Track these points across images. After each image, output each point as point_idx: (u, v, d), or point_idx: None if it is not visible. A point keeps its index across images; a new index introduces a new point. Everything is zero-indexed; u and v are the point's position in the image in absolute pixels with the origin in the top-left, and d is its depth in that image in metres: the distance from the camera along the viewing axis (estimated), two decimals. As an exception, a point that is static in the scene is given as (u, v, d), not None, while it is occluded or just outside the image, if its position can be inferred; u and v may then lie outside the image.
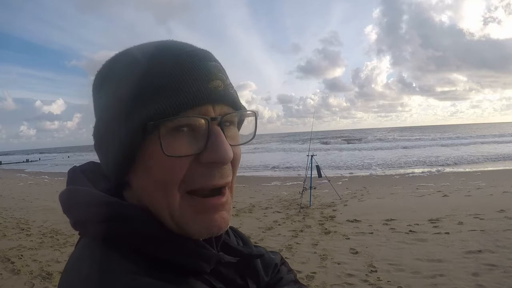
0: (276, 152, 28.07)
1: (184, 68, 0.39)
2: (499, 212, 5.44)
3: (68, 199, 0.42)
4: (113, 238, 0.37)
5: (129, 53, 0.42)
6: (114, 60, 0.43)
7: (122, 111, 0.39)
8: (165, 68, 0.38)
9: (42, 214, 7.33)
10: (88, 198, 0.40)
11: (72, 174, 0.47)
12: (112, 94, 0.41)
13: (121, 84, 0.40)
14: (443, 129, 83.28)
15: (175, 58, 0.39)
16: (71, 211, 0.41)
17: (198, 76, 0.39)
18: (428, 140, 34.39)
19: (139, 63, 0.39)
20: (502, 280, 3.07)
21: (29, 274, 3.84)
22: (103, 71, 0.44)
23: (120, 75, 0.41)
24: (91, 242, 0.39)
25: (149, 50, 0.40)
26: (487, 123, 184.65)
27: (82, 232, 0.42)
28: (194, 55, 0.40)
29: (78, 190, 0.42)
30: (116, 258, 0.36)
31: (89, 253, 0.38)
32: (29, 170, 27.73)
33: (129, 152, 0.38)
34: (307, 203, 7.32)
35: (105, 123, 0.42)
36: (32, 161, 47.99)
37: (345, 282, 3.36)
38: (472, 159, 16.50)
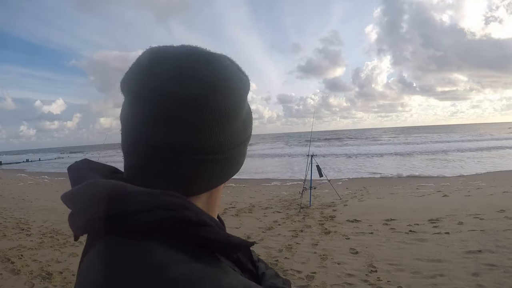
0: (276, 157, 27.76)
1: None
2: (499, 212, 5.44)
3: (85, 196, 0.38)
4: (156, 228, 0.36)
5: (236, 69, 0.45)
6: (225, 74, 0.42)
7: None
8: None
9: (42, 214, 7.33)
10: (119, 189, 0.37)
11: (79, 172, 0.43)
12: (238, 110, 0.44)
13: (243, 100, 0.44)
14: (443, 129, 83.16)
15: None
16: (103, 203, 0.36)
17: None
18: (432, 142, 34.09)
19: (248, 82, 0.45)
20: (502, 280, 3.07)
21: (29, 274, 3.84)
22: (216, 82, 0.41)
23: (238, 89, 0.43)
24: (128, 237, 0.36)
25: (238, 68, 0.45)
26: (487, 123, 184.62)
27: (115, 227, 0.36)
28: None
29: (111, 183, 0.38)
30: (162, 248, 0.35)
31: (136, 248, 0.35)
32: (29, 170, 27.72)
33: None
34: (307, 203, 7.32)
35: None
36: (32, 161, 47.98)
37: (345, 282, 3.35)
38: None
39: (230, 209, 7.37)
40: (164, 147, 0.39)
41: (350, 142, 45.55)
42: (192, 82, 0.38)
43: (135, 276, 0.32)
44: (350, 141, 48.47)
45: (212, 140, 0.40)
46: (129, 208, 0.35)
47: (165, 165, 0.40)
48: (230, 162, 0.44)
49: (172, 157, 0.39)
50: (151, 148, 0.39)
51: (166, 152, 0.39)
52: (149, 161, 0.40)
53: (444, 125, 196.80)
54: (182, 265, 0.33)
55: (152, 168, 0.40)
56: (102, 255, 0.36)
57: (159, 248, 0.34)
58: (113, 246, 0.36)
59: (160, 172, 0.40)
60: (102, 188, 0.36)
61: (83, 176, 0.41)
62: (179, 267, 0.33)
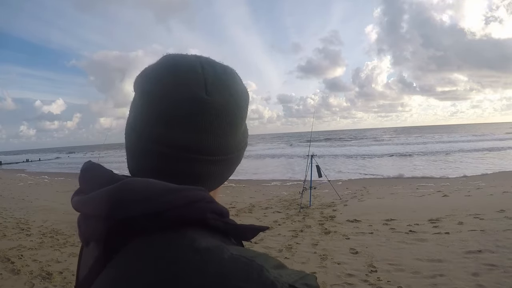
0: (276, 158, 27.72)
1: None
2: (499, 212, 5.44)
3: (142, 190, 0.37)
4: (199, 219, 0.38)
5: (242, 81, 0.48)
6: (239, 85, 0.47)
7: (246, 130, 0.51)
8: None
9: (42, 214, 7.32)
10: (161, 185, 0.38)
11: (99, 170, 0.43)
12: (245, 118, 0.48)
13: (248, 108, 0.48)
14: (443, 129, 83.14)
15: None
16: (146, 202, 0.36)
17: None
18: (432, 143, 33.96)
19: (248, 93, 0.49)
20: (502, 280, 3.07)
21: (29, 274, 3.84)
22: (234, 91, 0.45)
23: (246, 100, 0.47)
24: (171, 232, 0.37)
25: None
26: (487, 123, 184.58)
27: (156, 223, 0.37)
28: None
29: (146, 180, 0.38)
30: (207, 236, 0.37)
31: (184, 240, 0.36)
32: (29, 170, 27.72)
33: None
34: (307, 203, 7.32)
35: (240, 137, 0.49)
36: (32, 161, 48.01)
37: (345, 282, 3.35)
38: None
39: (230, 209, 7.37)
40: (181, 146, 0.41)
41: (350, 142, 45.55)
42: (216, 89, 0.41)
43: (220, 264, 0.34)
44: (350, 141, 48.47)
45: (225, 143, 0.43)
46: (180, 202, 0.37)
47: (180, 164, 0.42)
48: (233, 163, 0.48)
49: (187, 157, 0.41)
50: (167, 147, 0.41)
51: (182, 152, 0.41)
52: (163, 160, 0.42)
53: (444, 125, 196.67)
54: (230, 248, 0.36)
55: (166, 167, 0.42)
56: (179, 249, 0.35)
57: (207, 235, 0.37)
58: (177, 238, 0.36)
59: (174, 171, 0.42)
60: (149, 185, 0.37)
61: (95, 180, 0.41)
62: (229, 249, 0.35)
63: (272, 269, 0.34)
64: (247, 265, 0.34)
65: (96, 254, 0.40)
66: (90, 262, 0.41)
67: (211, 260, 0.34)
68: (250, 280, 0.32)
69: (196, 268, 0.33)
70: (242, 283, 0.32)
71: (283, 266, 0.37)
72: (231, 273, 0.33)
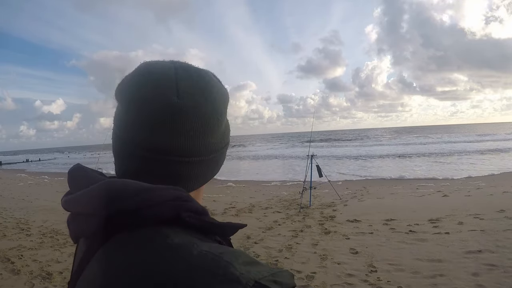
0: (274, 159, 27.60)
1: None
2: (499, 212, 5.44)
3: (118, 190, 0.39)
4: (174, 216, 0.40)
5: (220, 83, 0.51)
6: (214, 87, 0.48)
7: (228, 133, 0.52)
8: None
9: (42, 214, 7.33)
10: (137, 185, 0.40)
11: (77, 176, 0.46)
12: (223, 119, 0.49)
13: (225, 110, 0.49)
14: (444, 130, 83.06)
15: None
16: (122, 201, 0.38)
17: None
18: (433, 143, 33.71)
19: (228, 94, 0.51)
20: (502, 280, 3.07)
21: (29, 274, 3.84)
22: (208, 94, 0.47)
23: (223, 101, 0.49)
24: (148, 229, 0.39)
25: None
26: (488, 123, 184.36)
27: (133, 221, 0.39)
28: None
29: (123, 181, 0.41)
30: (181, 233, 0.39)
31: (161, 236, 0.38)
32: (29, 170, 27.72)
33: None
34: (307, 203, 7.32)
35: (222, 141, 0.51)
36: (32, 161, 48.00)
37: (345, 282, 3.35)
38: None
39: (230, 209, 7.37)
40: (159, 149, 0.43)
41: (351, 142, 45.53)
42: (188, 93, 0.43)
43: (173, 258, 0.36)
44: (351, 141, 48.46)
45: (201, 144, 0.45)
46: (154, 201, 0.39)
47: (160, 166, 0.44)
48: (215, 163, 0.49)
49: (167, 159, 0.43)
50: (147, 151, 0.43)
51: (161, 154, 0.43)
52: (145, 162, 0.44)
53: (444, 125, 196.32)
54: (202, 244, 0.37)
55: (148, 169, 0.44)
56: (149, 244, 0.38)
57: (181, 233, 0.39)
58: (152, 235, 0.39)
59: (155, 173, 0.44)
60: (126, 185, 0.40)
61: (81, 181, 0.44)
62: (199, 246, 0.37)
63: (240, 265, 0.35)
64: (214, 261, 0.35)
65: (83, 250, 0.44)
66: (78, 258, 0.44)
67: (181, 256, 0.36)
68: (216, 275, 0.34)
69: (166, 263, 0.35)
70: (207, 278, 0.33)
71: (255, 263, 0.37)
72: (198, 268, 0.34)
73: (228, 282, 0.33)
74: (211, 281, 0.33)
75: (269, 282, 0.35)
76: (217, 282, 0.33)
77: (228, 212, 7.08)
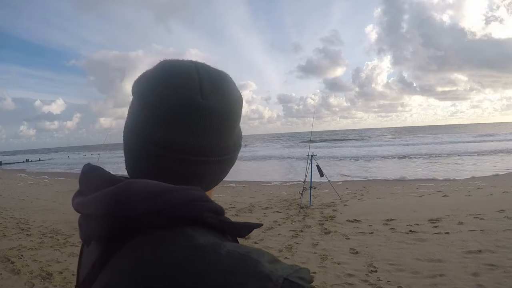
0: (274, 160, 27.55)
1: None
2: (499, 212, 5.44)
3: (142, 191, 0.39)
4: (196, 217, 0.40)
5: (236, 85, 0.51)
6: (234, 89, 0.49)
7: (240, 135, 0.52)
8: None
9: (42, 214, 7.33)
10: (160, 186, 0.39)
11: (100, 171, 0.45)
12: (239, 120, 0.50)
13: (241, 112, 0.50)
14: (444, 130, 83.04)
15: None
16: (146, 202, 0.38)
17: None
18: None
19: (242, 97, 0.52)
20: (502, 280, 3.07)
21: (29, 274, 3.84)
22: (229, 96, 0.47)
23: (240, 103, 0.49)
24: (170, 230, 0.38)
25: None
26: (488, 123, 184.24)
27: (154, 222, 0.38)
28: None
29: (146, 181, 0.40)
30: (205, 233, 0.39)
31: (186, 235, 0.38)
32: (29, 170, 27.73)
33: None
34: (307, 203, 7.32)
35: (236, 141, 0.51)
36: (31, 161, 48.01)
37: (345, 282, 3.35)
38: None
39: (230, 209, 7.37)
40: (180, 148, 0.42)
41: (351, 142, 45.51)
42: (211, 93, 0.43)
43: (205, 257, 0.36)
44: (351, 141, 48.44)
45: (220, 144, 0.45)
46: (177, 201, 0.39)
47: (178, 165, 0.43)
48: (229, 164, 0.49)
49: (185, 158, 0.43)
50: (166, 149, 0.43)
51: (181, 153, 0.43)
52: (162, 161, 0.43)
53: (444, 125, 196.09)
54: (226, 244, 0.38)
55: (164, 168, 0.43)
56: (176, 244, 0.37)
57: (204, 233, 0.39)
58: (176, 236, 0.38)
59: (172, 172, 0.44)
60: (148, 185, 0.39)
61: (95, 181, 0.43)
62: (225, 245, 0.37)
63: (267, 263, 0.36)
64: (243, 260, 0.36)
65: (97, 253, 0.42)
66: (92, 261, 0.43)
67: (209, 256, 0.36)
68: (247, 274, 0.34)
69: (195, 264, 0.35)
70: (239, 277, 0.34)
71: (277, 261, 0.38)
72: (228, 268, 0.34)
73: (260, 280, 0.34)
74: (243, 279, 0.34)
75: (296, 279, 0.36)
76: (250, 280, 0.34)
77: (228, 212, 7.08)
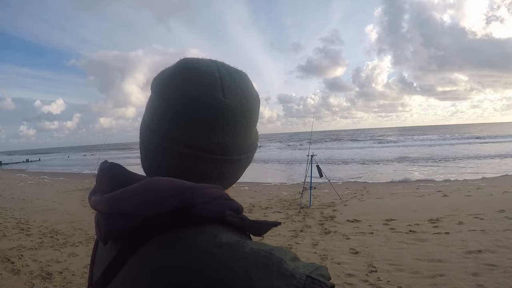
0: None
1: None
2: (499, 212, 5.44)
3: (167, 188, 0.39)
4: (211, 216, 0.41)
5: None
6: (252, 88, 0.49)
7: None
8: None
9: (42, 214, 7.33)
10: (183, 184, 0.40)
11: (121, 169, 0.44)
12: (257, 119, 0.50)
13: (259, 111, 0.50)
14: (444, 130, 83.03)
15: None
16: (171, 200, 0.38)
17: None
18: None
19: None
20: (502, 280, 3.07)
21: (29, 274, 3.84)
22: (248, 95, 0.47)
23: (259, 102, 0.50)
24: (191, 228, 0.39)
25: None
26: (488, 123, 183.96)
27: (176, 220, 0.39)
28: None
29: (169, 179, 0.40)
30: (225, 231, 0.40)
31: (212, 232, 0.39)
32: (29, 170, 27.73)
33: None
34: (307, 203, 7.32)
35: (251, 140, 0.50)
36: (31, 161, 48.01)
37: (345, 282, 3.36)
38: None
39: (230, 209, 7.37)
40: (201, 147, 0.42)
41: (351, 143, 45.49)
42: (232, 92, 0.44)
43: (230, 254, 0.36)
44: (351, 141, 48.43)
45: (241, 143, 0.45)
46: (200, 199, 0.39)
47: (198, 163, 0.43)
48: (246, 163, 0.50)
49: (208, 156, 0.43)
50: (187, 147, 0.42)
51: (202, 152, 0.43)
52: (182, 159, 0.43)
53: (444, 125, 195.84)
54: (249, 242, 0.38)
55: (184, 166, 0.43)
56: (199, 243, 0.37)
57: (225, 231, 0.40)
58: (199, 234, 0.38)
59: (192, 170, 0.43)
60: (172, 183, 0.39)
61: (116, 179, 0.43)
62: (248, 244, 0.38)
63: (289, 261, 0.37)
64: (267, 258, 0.36)
65: (114, 252, 0.42)
66: (109, 259, 0.43)
67: (233, 254, 0.36)
68: (271, 272, 0.35)
69: (220, 262, 0.35)
70: (264, 275, 0.34)
71: (297, 259, 0.39)
72: (253, 266, 0.35)
73: (284, 277, 0.35)
74: (268, 277, 0.34)
75: (317, 276, 0.37)
76: (274, 277, 0.34)
77: (228, 212, 7.08)
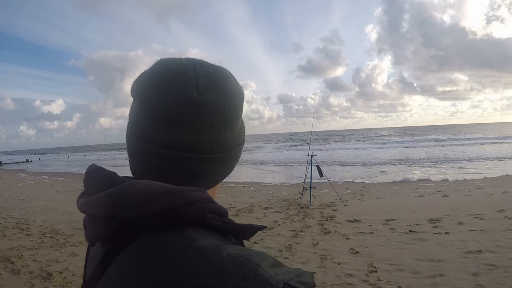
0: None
1: None
2: (499, 212, 5.44)
3: (144, 192, 0.39)
4: (192, 219, 0.40)
5: (236, 80, 0.51)
6: (232, 85, 0.49)
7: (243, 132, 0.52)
8: None
9: (42, 214, 7.33)
10: (162, 187, 0.39)
11: (104, 172, 0.45)
12: (240, 115, 0.50)
13: (242, 106, 0.49)
14: (444, 130, 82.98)
15: None
16: (148, 203, 0.38)
17: None
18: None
19: (243, 91, 0.51)
20: (502, 280, 3.08)
21: (29, 274, 3.85)
22: (227, 91, 0.47)
23: (240, 98, 0.49)
24: (172, 232, 0.39)
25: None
26: (488, 123, 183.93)
27: (157, 223, 0.39)
28: None
29: (148, 183, 0.40)
30: (206, 235, 0.40)
31: (190, 236, 0.39)
32: (29, 170, 27.73)
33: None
34: (307, 203, 7.32)
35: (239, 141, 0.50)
36: (31, 161, 48.00)
37: (345, 282, 3.36)
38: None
39: (230, 209, 7.37)
40: (180, 146, 0.42)
41: (351, 143, 45.49)
42: (208, 90, 0.43)
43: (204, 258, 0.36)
44: (351, 142, 48.42)
45: (221, 141, 0.44)
46: (180, 203, 0.39)
47: (179, 164, 0.43)
48: (232, 160, 0.49)
49: (187, 156, 0.43)
50: (167, 148, 0.42)
51: (181, 151, 0.42)
52: (164, 160, 0.43)
53: (444, 125, 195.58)
54: (228, 247, 0.37)
55: (166, 167, 0.43)
56: (177, 245, 0.37)
57: (206, 235, 0.39)
58: (178, 237, 0.38)
59: (174, 170, 0.43)
60: (151, 187, 0.39)
61: (100, 182, 0.43)
62: (227, 248, 0.37)
63: (268, 268, 0.36)
64: (244, 264, 0.35)
65: (101, 253, 0.43)
66: (96, 260, 0.43)
67: (210, 259, 0.35)
68: (247, 278, 0.34)
69: (196, 266, 0.35)
70: (239, 281, 0.34)
71: (279, 264, 0.38)
72: (229, 271, 0.34)
73: (260, 284, 0.34)
74: (243, 284, 0.33)
75: (297, 283, 0.36)
76: (250, 284, 0.34)
77: (228, 212, 7.07)
